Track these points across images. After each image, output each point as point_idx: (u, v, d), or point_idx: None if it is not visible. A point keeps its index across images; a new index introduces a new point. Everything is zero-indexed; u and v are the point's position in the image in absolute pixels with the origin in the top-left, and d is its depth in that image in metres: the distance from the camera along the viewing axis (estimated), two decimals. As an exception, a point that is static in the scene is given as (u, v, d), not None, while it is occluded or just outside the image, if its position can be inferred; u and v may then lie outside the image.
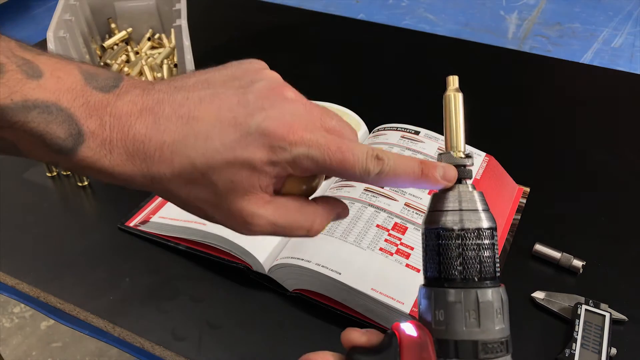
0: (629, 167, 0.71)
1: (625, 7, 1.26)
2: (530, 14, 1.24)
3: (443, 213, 0.33)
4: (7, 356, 1.28)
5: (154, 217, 0.61)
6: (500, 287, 0.32)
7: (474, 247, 0.32)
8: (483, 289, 0.31)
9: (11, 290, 0.58)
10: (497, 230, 0.33)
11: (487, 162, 0.65)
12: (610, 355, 0.48)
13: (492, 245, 0.32)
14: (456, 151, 0.34)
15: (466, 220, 0.32)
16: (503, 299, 0.32)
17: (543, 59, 0.99)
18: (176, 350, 0.50)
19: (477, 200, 0.33)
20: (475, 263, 0.32)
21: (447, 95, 0.36)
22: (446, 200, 0.33)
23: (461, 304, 0.31)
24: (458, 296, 0.31)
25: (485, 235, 0.32)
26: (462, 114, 0.35)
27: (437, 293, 0.32)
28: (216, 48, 0.96)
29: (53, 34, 0.71)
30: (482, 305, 0.31)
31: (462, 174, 0.34)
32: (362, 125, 0.72)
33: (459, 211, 0.33)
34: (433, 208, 0.34)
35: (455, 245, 0.32)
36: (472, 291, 0.31)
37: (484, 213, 0.33)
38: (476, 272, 0.32)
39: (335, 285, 0.51)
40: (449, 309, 0.31)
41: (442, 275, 0.32)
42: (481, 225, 0.32)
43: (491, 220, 0.33)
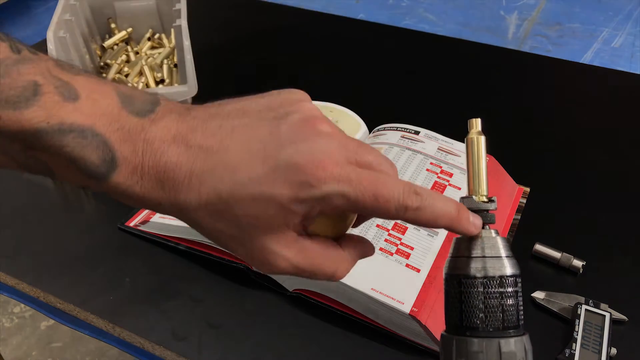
0: (629, 167, 0.71)
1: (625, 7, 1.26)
2: (530, 14, 1.24)
3: (466, 260, 0.32)
4: (7, 356, 1.28)
5: (154, 217, 0.61)
6: (524, 336, 0.32)
7: (496, 295, 0.31)
8: (506, 339, 0.31)
9: (11, 290, 0.58)
10: (520, 277, 0.32)
11: (487, 162, 0.65)
12: (610, 355, 0.48)
13: (516, 293, 0.32)
14: (479, 195, 0.34)
15: (489, 268, 0.31)
16: (527, 349, 0.31)
17: (543, 59, 0.99)
18: (176, 350, 0.50)
19: (501, 246, 0.32)
20: (498, 312, 0.31)
21: (471, 139, 0.35)
22: (469, 246, 0.32)
23: (483, 353, 0.30)
24: (480, 346, 0.31)
25: (508, 283, 0.31)
26: (484, 158, 0.34)
27: (458, 342, 0.31)
28: (216, 48, 0.96)
29: (53, 34, 0.71)
30: (504, 356, 0.30)
31: (485, 219, 0.33)
32: (362, 125, 0.72)
33: (482, 258, 0.32)
34: (455, 254, 0.33)
35: (477, 293, 0.31)
36: (494, 341, 0.30)
37: (507, 260, 0.32)
38: (499, 321, 0.31)
39: (335, 285, 0.51)
40: (471, 358, 0.31)
41: (464, 324, 0.32)
42: (505, 272, 0.31)
43: (515, 267, 0.32)
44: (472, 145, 0.35)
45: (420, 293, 0.49)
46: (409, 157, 0.63)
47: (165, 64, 0.84)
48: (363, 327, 0.52)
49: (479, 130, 0.35)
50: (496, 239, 0.33)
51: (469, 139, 0.35)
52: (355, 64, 0.93)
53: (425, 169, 0.61)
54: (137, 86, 0.81)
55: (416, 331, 0.49)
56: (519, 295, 0.32)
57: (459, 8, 1.21)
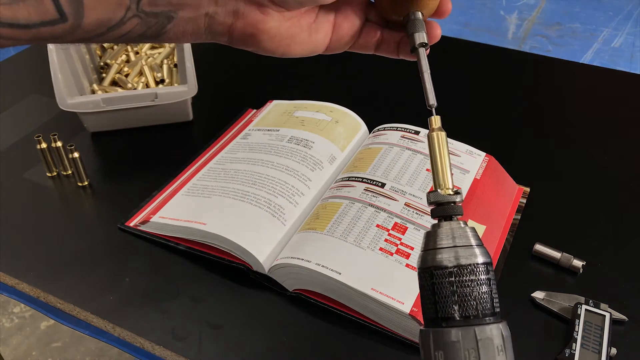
0: (629, 167, 0.71)
1: (625, 7, 1.26)
2: (530, 14, 1.24)
3: (436, 251, 0.32)
4: (7, 356, 1.28)
5: (154, 217, 0.61)
6: (501, 323, 0.32)
7: (468, 283, 0.31)
8: (481, 326, 0.31)
9: (11, 290, 0.58)
10: (492, 265, 0.33)
11: (487, 162, 0.65)
12: (610, 355, 0.48)
13: (489, 281, 0.32)
14: (444, 189, 0.34)
15: (461, 257, 0.32)
16: (504, 335, 0.31)
17: (543, 59, 0.99)
18: (176, 350, 0.50)
19: (470, 236, 0.33)
20: (471, 300, 0.31)
21: (431, 135, 0.35)
22: (438, 238, 0.33)
23: (460, 342, 0.30)
24: (456, 335, 0.30)
25: (480, 271, 0.32)
26: (447, 152, 0.35)
27: (435, 334, 0.31)
28: (216, 48, 0.96)
29: (53, 34, 0.71)
30: (481, 343, 0.30)
31: (454, 211, 0.34)
32: (362, 125, 0.72)
33: (453, 248, 0.32)
34: (425, 247, 0.33)
35: (449, 283, 0.31)
36: (470, 329, 0.30)
37: (478, 248, 0.32)
38: (473, 309, 0.31)
39: (335, 285, 0.51)
40: (448, 349, 0.31)
41: (439, 315, 0.32)
42: (476, 260, 0.32)
43: (485, 256, 0.32)
44: (433, 142, 0.35)
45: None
46: (409, 157, 0.63)
47: (165, 64, 0.84)
48: (363, 327, 0.52)
49: (439, 126, 0.36)
50: (465, 229, 0.33)
51: (430, 136, 0.35)
52: (355, 64, 0.93)
53: (425, 169, 0.61)
54: (137, 86, 0.81)
55: (416, 331, 0.49)
56: (492, 283, 0.32)
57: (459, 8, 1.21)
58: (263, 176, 0.61)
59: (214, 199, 0.60)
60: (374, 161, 0.63)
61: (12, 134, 0.77)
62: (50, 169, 0.69)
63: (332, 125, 0.70)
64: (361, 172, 0.62)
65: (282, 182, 0.61)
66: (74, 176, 0.69)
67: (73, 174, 0.69)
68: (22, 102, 0.83)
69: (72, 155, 0.66)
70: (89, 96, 0.73)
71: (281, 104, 0.76)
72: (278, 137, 0.68)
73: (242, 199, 0.59)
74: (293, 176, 0.62)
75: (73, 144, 0.67)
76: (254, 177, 0.62)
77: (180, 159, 0.71)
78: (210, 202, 0.59)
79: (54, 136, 0.68)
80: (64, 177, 0.70)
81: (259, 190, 0.60)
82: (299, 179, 0.62)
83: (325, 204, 0.59)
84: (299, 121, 0.70)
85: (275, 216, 0.58)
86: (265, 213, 0.58)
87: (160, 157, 0.73)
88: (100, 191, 0.68)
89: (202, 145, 0.73)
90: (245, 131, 0.72)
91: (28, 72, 0.92)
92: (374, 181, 0.60)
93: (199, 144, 0.73)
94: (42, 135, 0.67)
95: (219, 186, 0.61)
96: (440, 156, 0.35)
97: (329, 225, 0.55)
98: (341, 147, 0.68)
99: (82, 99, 0.72)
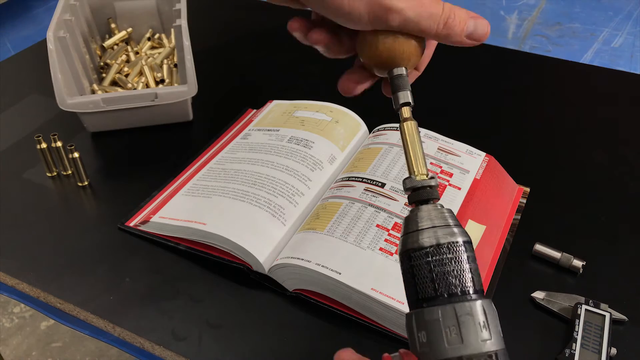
0: (629, 167, 0.71)
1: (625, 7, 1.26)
2: (530, 14, 1.24)
3: (414, 234, 0.32)
4: (7, 356, 1.28)
5: (154, 217, 0.61)
6: (484, 300, 0.31)
7: (447, 261, 0.31)
8: (460, 303, 0.30)
9: (11, 290, 0.58)
10: (472, 244, 0.33)
11: (487, 162, 0.65)
12: (610, 355, 0.48)
13: (469, 258, 0.32)
14: (419, 175, 0.35)
15: (440, 237, 0.32)
16: (487, 311, 0.31)
17: (543, 59, 0.99)
18: (176, 350, 0.50)
19: (447, 216, 0.33)
20: (449, 277, 0.31)
21: (403, 125, 0.36)
22: (416, 221, 0.33)
23: (439, 321, 0.30)
24: (436, 313, 0.30)
25: (459, 249, 0.32)
26: (418, 140, 0.36)
27: (416, 315, 0.31)
28: (216, 48, 0.96)
29: (53, 34, 0.71)
30: (461, 319, 0.30)
31: (430, 195, 0.34)
32: (362, 125, 0.72)
33: (431, 228, 0.32)
34: (406, 231, 0.33)
35: (427, 263, 0.31)
36: (449, 306, 0.30)
37: (455, 228, 0.32)
38: (453, 287, 0.31)
39: (335, 285, 0.51)
40: (429, 328, 0.30)
41: (419, 296, 0.32)
42: (454, 239, 0.32)
43: (464, 234, 0.32)
44: (405, 131, 0.36)
45: (420, 293, 0.49)
46: (409, 157, 0.63)
47: (165, 64, 0.84)
48: (363, 327, 0.52)
49: (409, 116, 0.37)
50: (442, 210, 0.33)
51: (401, 126, 0.36)
52: (355, 64, 0.93)
53: (425, 169, 0.61)
54: (137, 86, 0.81)
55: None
56: (472, 261, 0.32)
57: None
58: (263, 176, 0.61)
59: (214, 199, 0.60)
60: (374, 161, 0.63)
61: (12, 134, 0.77)
62: (50, 169, 0.69)
63: (332, 125, 0.70)
64: (361, 172, 0.62)
65: (282, 182, 0.61)
66: (74, 176, 0.69)
67: (73, 174, 0.69)
68: (22, 102, 0.83)
69: (72, 155, 0.66)
70: (89, 96, 0.73)
71: (281, 104, 0.76)
72: (278, 137, 0.68)
73: (242, 199, 0.59)
74: (293, 176, 0.62)
75: (73, 144, 0.67)
76: (254, 177, 0.62)
77: (180, 159, 0.71)
78: (210, 202, 0.59)
79: (54, 136, 0.68)
80: (64, 177, 0.70)
81: (259, 190, 0.60)
82: (299, 179, 0.62)
83: (325, 204, 0.59)
84: (299, 121, 0.71)
85: (275, 216, 0.58)
86: (265, 213, 0.58)
87: (160, 157, 0.73)
88: (100, 191, 0.68)
89: (202, 145, 0.73)
90: (245, 131, 0.72)
91: (28, 72, 0.92)
92: (374, 181, 0.60)
93: (199, 144, 0.73)
94: (42, 135, 0.67)
95: (219, 186, 0.61)
96: (413, 143, 0.36)
97: (329, 225, 0.55)
98: (341, 147, 0.68)
99: (82, 99, 0.72)
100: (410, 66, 0.38)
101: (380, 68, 0.38)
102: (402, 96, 0.37)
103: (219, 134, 0.75)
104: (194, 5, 0.88)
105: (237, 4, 1.11)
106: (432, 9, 0.35)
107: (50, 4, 2.59)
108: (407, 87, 0.38)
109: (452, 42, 0.38)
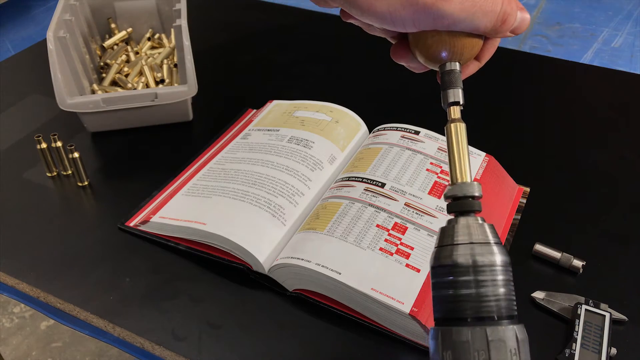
0: (629, 167, 0.71)
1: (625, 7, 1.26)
2: (530, 14, 1.24)
3: (452, 247, 0.31)
4: (7, 356, 1.28)
5: (154, 217, 0.61)
6: (517, 325, 0.30)
7: (485, 282, 0.30)
8: (494, 327, 0.29)
9: (11, 290, 0.58)
10: (511, 265, 0.31)
11: (487, 162, 0.65)
12: (610, 355, 0.48)
13: (507, 281, 0.30)
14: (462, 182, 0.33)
15: (478, 255, 0.30)
16: (519, 338, 0.29)
17: (543, 59, 0.99)
18: (176, 350, 0.50)
19: (489, 232, 0.31)
20: (486, 300, 0.29)
21: (449, 126, 0.34)
22: (455, 234, 0.31)
23: (469, 343, 0.29)
24: (466, 335, 0.29)
25: (497, 270, 0.30)
26: (465, 143, 0.33)
27: (444, 333, 0.30)
28: (216, 48, 0.96)
29: (53, 34, 0.71)
30: (492, 345, 0.29)
31: (470, 207, 0.32)
32: (362, 125, 0.72)
33: (470, 244, 0.30)
34: (441, 243, 0.32)
35: (465, 282, 0.30)
36: (481, 329, 0.29)
37: (496, 246, 0.31)
38: (487, 310, 0.29)
39: (335, 285, 0.51)
40: (457, 348, 0.29)
41: (450, 315, 0.30)
42: (494, 259, 0.30)
43: (505, 254, 0.31)
44: (452, 132, 0.34)
45: (420, 293, 0.49)
46: (409, 157, 0.63)
47: (165, 64, 0.84)
48: (363, 327, 0.52)
49: (458, 117, 0.34)
50: (483, 225, 0.32)
51: (448, 127, 0.34)
52: (355, 63, 0.93)
53: (425, 169, 0.61)
54: (137, 86, 0.81)
55: (416, 331, 0.49)
56: (510, 283, 0.31)
57: (459, 8, 1.21)
58: (263, 176, 0.61)
59: (214, 199, 0.60)
60: (374, 161, 0.63)
61: (12, 134, 0.77)
62: (50, 169, 0.69)
63: (332, 125, 0.70)
64: (361, 172, 0.62)
65: (282, 182, 0.61)
66: (74, 176, 0.69)
67: (73, 174, 0.69)
68: (22, 102, 0.83)
69: (72, 155, 0.66)
70: (89, 96, 0.73)
71: (281, 104, 0.76)
72: (278, 137, 0.68)
73: (242, 199, 0.59)
74: (293, 176, 0.62)
75: (73, 144, 0.67)
76: (254, 177, 0.62)
77: (180, 159, 0.71)
78: (211, 202, 0.59)
79: (54, 136, 0.68)
80: (64, 177, 0.70)
81: (259, 190, 0.60)
82: (299, 179, 0.62)
83: (325, 204, 0.59)
84: (299, 121, 0.71)
85: (275, 216, 0.58)
86: (265, 213, 0.58)
87: (160, 157, 0.73)
88: (100, 191, 0.68)
89: (202, 145, 0.73)
90: (245, 131, 0.72)
91: (28, 72, 0.92)
92: (374, 181, 0.60)
93: (199, 144, 0.73)
94: (42, 135, 0.67)
95: (219, 186, 0.61)
96: (458, 147, 0.33)
97: (329, 225, 0.55)
98: (341, 147, 0.68)
99: (82, 99, 0.72)
100: (463, 61, 0.35)
101: (430, 62, 0.36)
102: (452, 94, 0.35)
103: (219, 134, 0.75)
104: (194, 5, 0.88)
105: (237, 4, 1.11)
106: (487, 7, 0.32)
107: (50, 4, 2.59)
108: (458, 85, 0.35)
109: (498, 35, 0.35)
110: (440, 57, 0.34)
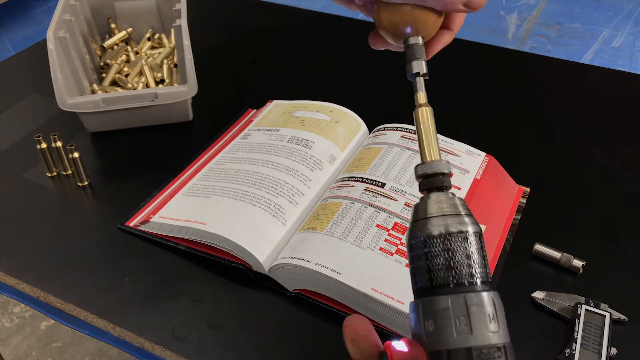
0: (629, 167, 0.71)
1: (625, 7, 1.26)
2: (530, 14, 1.24)
3: (426, 221, 0.32)
4: (7, 356, 1.28)
5: (154, 217, 0.61)
6: (493, 292, 0.31)
7: (459, 251, 0.31)
8: (471, 293, 0.30)
9: (11, 290, 0.58)
10: (482, 235, 0.32)
11: (487, 162, 0.65)
12: (610, 355, 0.48)
13: (479, 249, 0.31)
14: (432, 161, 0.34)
15: (450, 225, 0.31)
16: (496, 304, 0.30)
17: (543, 59, 0.99)
18: (176, 350, 0.50)
19: (459, 205, 0.32)
20: (462, 267, 0.30)
21: (418, 111, 0.36)
22: (428, 208, 0.32)
23: (449, 310, 0.30)
24: (445, 302, 0.30)
25: (470, 239, 0.31)
26: (433, 126, 0.35)
27: (424, 303, 0.31)
28: (216, 48, 0.96)
29: (53, 34, 0.71)
30: (472, 310, 0.29)
31: (440, 182, 0.33)
32: (362, 125, 0.72)
33: (442, 217, 0.32)
34: (415, 218, 0.33)
35: (440, 251, 0.31)
36: (460, 296, 0.30)
37: (467, 217, 0.32)
38: (464, 277, 0.30)
39: (335, 285, 0.51)
40: (438, 317, 0.30)
41: (428, 285, 0.31)
42: (466, 229, 0.31)
43: (475, 225, 0.32)
44: (419, 117, 0.35)
45: (420, 293, 0.49)
46: (409, 157, 0.63)
47: (165, 64, 0.84)
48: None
49: (424, 102, 0.36)
50: (454, 198, 0.33)
51: (416, 112, 0.36)
52: (355, 64, 0.93)
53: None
54: (137, 86, 0.81)
55: (416, 331, 0.49)
56: (483, 251, 0.32)
57: (459, 8, 1.21)
58: (263, 176, 0.61)
59: (214, 199, 0.60)
60: (374, 161, 0.63)
61: (12, 134, 0.77)
62: (50, 169, 0.69)
63: (332, 125, 0.70)
64: (361, 172, 0.62)
65: (282, 182, 0.61)
66: (74, 176, 0.69)
67: (73, 174, 0.69)
68: (22, 102, 0.83)
69: (72, 155, 0.66)
70: (89, 96, 0.73)
71: (281, 104, 0.76)
72: (278, 137, 0.68)
73: (242, 199, 0.59)
74: (293, 176, 0.62)
75: (73, 144, 0.67)
76: (254, 177, 0.62)
77: (180, 159, 0.71)
78: (211, 202, 0.59)
79: (54, 136, 0.68)
80: (64, 177, 0.70)
81: (259, 190, 0.60)
82: (299, 179, 0.62)
83: (325, 204, 0.59)
84: (299, 121, 0.71)
85: (275, 216, 0.58)
86: (265, 213, 0.58)
87: (160, 157, 0.73)
88: (100, 191, 0.68)
89: (202, 145, 0.73)
90: (245, 131, 0.72)
91: (28, 72, 0.92)
92: (374, 181, 0.60)
93: (199, 144, 0.73)
94: (42, 135, 0.67)
95: (219, 186, 0.61)
96: (425, 130, 0.35)
97: (329, 225, 0.55)
98: (341, 147, 0.68)
99: (82, 99, 0.72)
100: (426, 35, 0.37)
101: (392, 38, 0.37)
102: (416, 66, 0.36)
103: (219, 134, 0.75)
104: (194, 5, 0.88)
105: (237, 4, 1.11)
106: None
107: (50, 4, 2.59)
108: (421, 57, 0.36)
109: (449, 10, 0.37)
110: (402, 32, 0.36)
